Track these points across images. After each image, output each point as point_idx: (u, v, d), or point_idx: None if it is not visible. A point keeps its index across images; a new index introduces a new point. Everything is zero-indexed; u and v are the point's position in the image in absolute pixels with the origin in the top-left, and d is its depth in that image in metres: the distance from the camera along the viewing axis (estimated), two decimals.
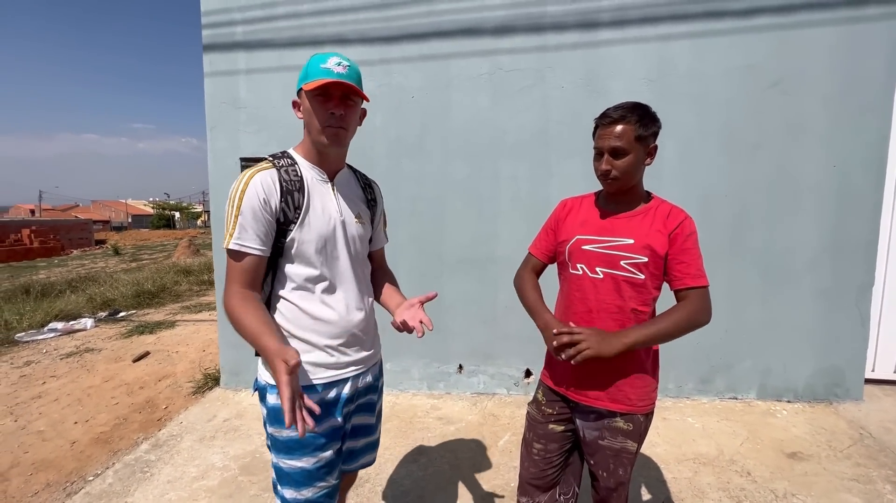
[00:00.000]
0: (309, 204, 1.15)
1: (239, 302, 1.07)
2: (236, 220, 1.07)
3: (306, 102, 1.11)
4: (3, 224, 22.16)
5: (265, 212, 1.08)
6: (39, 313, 5.71)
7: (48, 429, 2.97)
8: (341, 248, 1.20)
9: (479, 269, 3.15)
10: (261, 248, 1.09)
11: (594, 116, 1.36)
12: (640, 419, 1.35)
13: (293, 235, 1.12)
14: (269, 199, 1.08)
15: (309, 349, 1.18)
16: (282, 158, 1.16)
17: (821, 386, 2.92)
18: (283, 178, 1.12)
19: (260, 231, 1.08)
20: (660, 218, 1.28)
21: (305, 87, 1.09)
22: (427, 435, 2.71)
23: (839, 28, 2.65)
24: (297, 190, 1.12)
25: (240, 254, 1.08)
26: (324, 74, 1.07)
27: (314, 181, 1.17)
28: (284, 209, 1.11)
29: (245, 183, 1.08)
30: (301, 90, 1.13)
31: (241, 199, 1.07)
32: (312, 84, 1.07)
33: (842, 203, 2.78)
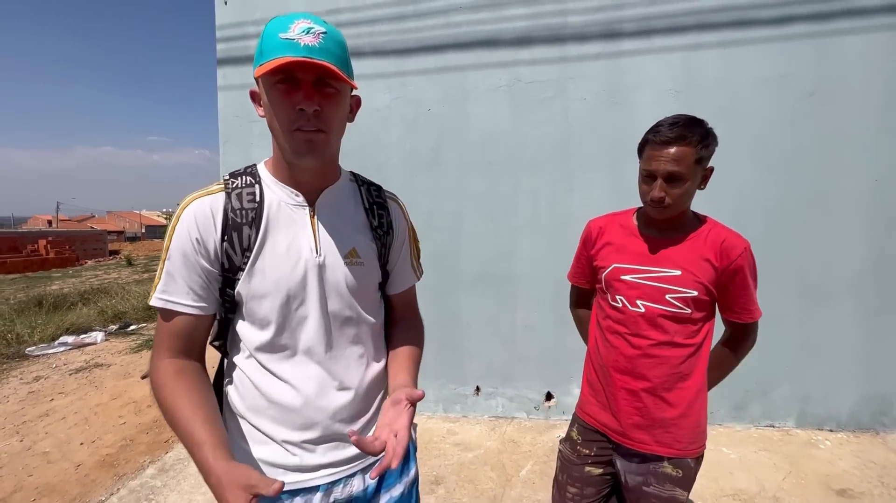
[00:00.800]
0: (264, 243, 0.81)
1: (168, 378, 0.76)
2: (162, 267, 0.78)
3: (266, 93, 0.75)
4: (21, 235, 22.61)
5: (201, 256, 0.78)
6: (51, 326, 5.70)
7: (54, 451, 2.90)
8: (312, 303, 0.84)
9: (497, 287, 3.03)
10: (194, 305, 0.79)
11: (618, 129, 1.25)
12: (691, 464, 1.22)
13: (240, 287, 0.81)
14: (205, 238, 0.78)
15: (263, 441, 0.85)
16: (241, 177, 0.85)
17: (866, 414, 2.72)
18: (231, 207, 0.80)
19: (193, 281, 0.79)
20: (711, 246, 1.15)
21: (258, 70, 0.72)
22: (444, 462, 2.57)
23: (878, 35, 2.52)
24: (247, 223, 0.80)
25: (167, 312, 0.79)
26: (285, 49, 0.69)
27: (282, 207, 0.83)
28: (228, 252, 0.80)
29: (177, 215, 0.80)
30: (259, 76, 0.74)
31: (169, 239, 0.79)
32: (267, 66, 0.69)
33: (885, 219, 2.61)
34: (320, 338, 0.86)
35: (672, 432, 1.20)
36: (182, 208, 0.80)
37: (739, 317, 1.19)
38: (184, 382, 0.77)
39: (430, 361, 3.08)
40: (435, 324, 3.12)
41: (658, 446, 1.20)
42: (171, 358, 0.79)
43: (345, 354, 0.89)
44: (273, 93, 0.74)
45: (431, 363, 3.07)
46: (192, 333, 0.81)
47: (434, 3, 2.93)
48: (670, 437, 1.20)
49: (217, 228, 0.79)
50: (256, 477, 0.63)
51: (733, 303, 1.18)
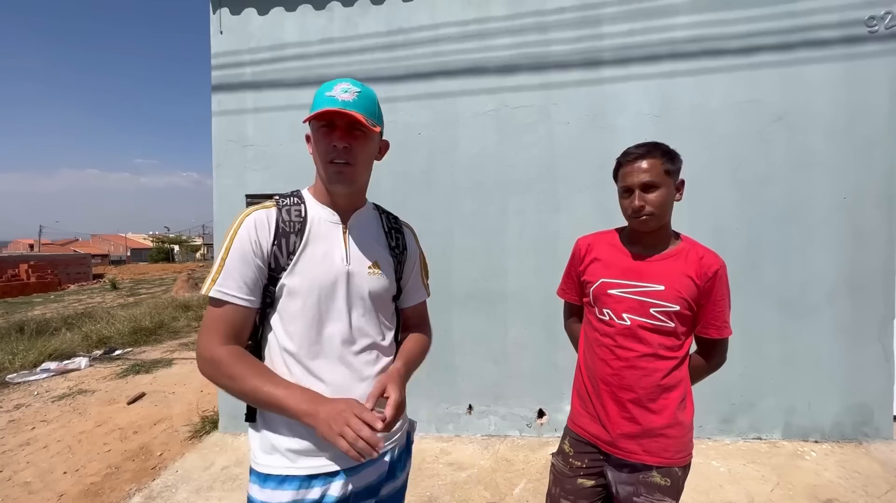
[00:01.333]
0: (305, 248, 0.98)
1: (233, 357, 0.91)
2: (223, 264, 0.93)
3: (313, 134, 1.00)
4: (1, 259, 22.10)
5: (256, 255, 0.95)
6: (33, 352, 5.55)
7: (35, 481, 2.81)
8: (340, 304, 1.00)
9: (487, 305, 3.08)
10: (246, 298, 0.94)
11: (601, 151, 1.35)
12: (678, 472, 1.26)
13: (282, 283, 0.96)
14: (262, 240, 0.95)
15: (290, 430, 0.96)
16: (288, 197, 1.04)
17: (849, 425, 2.79)
18: (282, 219, 0.99)
19: (248, 277, 0.94)
20: (692, 263, 1.23)
21: (308, 117, 0.96)
22: (438, 482, 2.56)
23: (838, 64, 2.70)
24: (294, 232, 0.98)
25: (222, 302, 0.93)
26: (327, 103, 0.93)
27: (321, 222, 1.02)
28: (276, 254, 0.96)
29: (239, 222, 0.96)
30: None
31: (231, 240, 0.94)
32: (313, 114, 0.95)
33: (855, 235, 2.75)
34: (345, 335, 1.01)
35: (659, 441, 1.24)
36: (242, 218, 0.97)
37: (709, 332, 1.26)
38: (248, 358, 0.94)
39: (423, 380, 3.09)
40: None
41: (646, 455, 1.24)
42: (225, 344, 0.92)
43: (364, 350, 1.03)
44: (317, 134, 0.98)
45: (424, 382, 3.08)
46: (241, 324, 0.95)
47: (423, 33, 3.07)
48: (658, 447, 1.24)
49: (271, 233, 0.97)
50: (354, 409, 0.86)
51: (706, 319, 1.25)
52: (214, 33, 3.27)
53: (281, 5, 3.19)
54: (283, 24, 3.20)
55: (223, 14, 3.25)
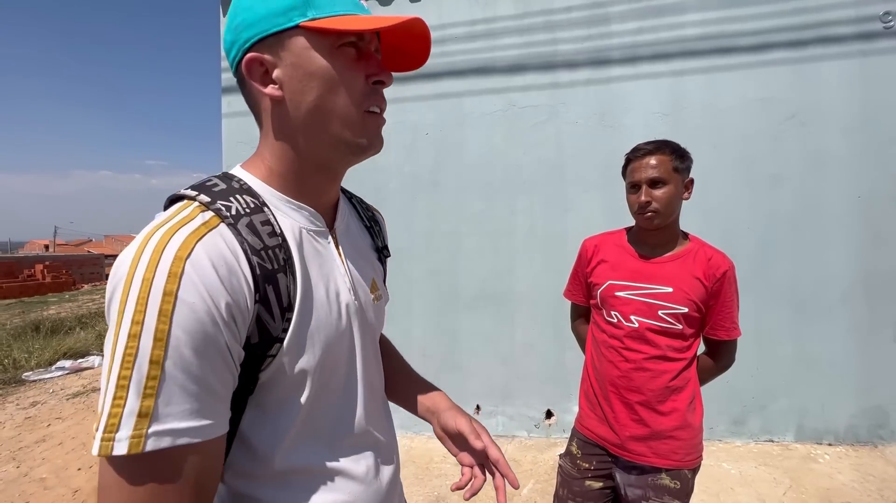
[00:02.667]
0: (306, 294, 0.55)
1: None
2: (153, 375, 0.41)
3: (313, 59, 0.52)
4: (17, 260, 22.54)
5: (229, 334, 0.46)
6: (48, 351, 5.66)
7: (50, 477, 2.86)
8: (354, 361, 0.63)
9: (495, 306, 3.08)
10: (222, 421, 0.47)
11: (609, 151, 1.34)
12: (688, 475, 1.25)
13: (274, 367, 0.53)
14: (237, 299, 0.47)
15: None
16: (230, 195, 0.53)
17: (864, 427, 2.74)
18: (251, 247, 0.50)
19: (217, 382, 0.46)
20: (700, 264, 1.21)
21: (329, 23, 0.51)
22: (445, 482, 2.56)
23: (853, 61, 2.65)
24: (280, 268, 0.52)
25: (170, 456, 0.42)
26: (355, 7, 0.54)
27: (304, 237, 0.58)
28: (262, 317, 0.50)
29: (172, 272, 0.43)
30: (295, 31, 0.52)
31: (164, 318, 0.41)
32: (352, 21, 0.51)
33: (870, 235, 2.69)
34: (366, 400, 0.65)
35: (668, 443, 1.23)
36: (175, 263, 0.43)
37: (717, 334, 1.25)
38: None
39: (430, 380, 3.10)
40: (435, 343, 3.16)
41: (656, 458, 1.23)
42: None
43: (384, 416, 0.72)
44: (338, 59, 0.53)
45: (432, 382, 3.09)
46: (212, 471, 0.47)
47: (431, 34, 3.06)
48: (667, 449, 1.23)
49: (249, 282, 0.49)
50: None
51: (715, 320, 1.24)
52: (223, 35, 3.30)
53: None
54: None
55: None
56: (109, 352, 0.41)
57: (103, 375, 0.42)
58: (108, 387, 0.41)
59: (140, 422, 0.40)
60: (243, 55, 0.54)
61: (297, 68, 0.52)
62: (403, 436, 3.02)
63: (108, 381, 0.41)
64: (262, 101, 0.56)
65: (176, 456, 0.42)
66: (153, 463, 0.41)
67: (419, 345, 3.16)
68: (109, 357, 0.41)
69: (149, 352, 0.41)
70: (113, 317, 0.42)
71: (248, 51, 0.53)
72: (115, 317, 0.42)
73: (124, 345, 0.41)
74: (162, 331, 0.41)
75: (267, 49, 0.53)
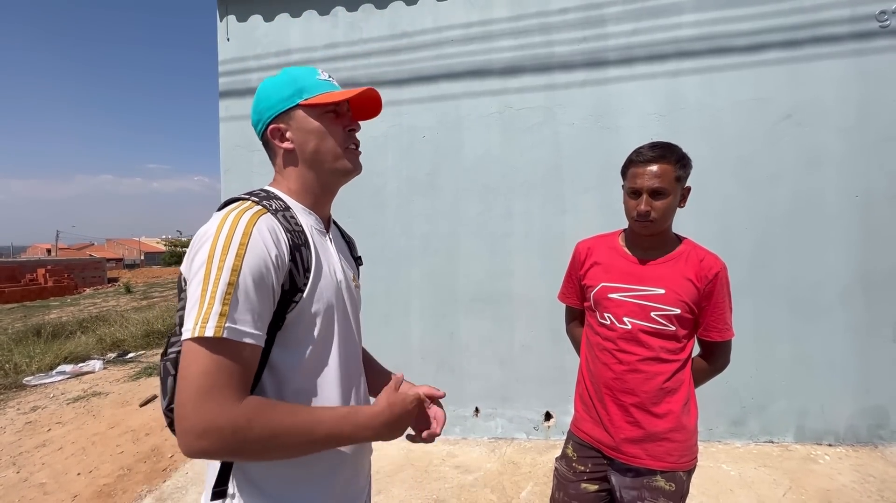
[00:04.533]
0: (319, 263, 0.82)
1: (261, 409, 0.68)
2: (230, 290, 0.66)
3: (309, 123, 0.83)
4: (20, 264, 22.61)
5: (276, 276, 0.72)
6: (49, 355, 5.68)
7: (50, 482, 2.87)
8: (348, 323, 0.88)
9: (494, 308, 3.08)
10: (263, 335, 0.71)
11: (606, 152, 1.33)
12: (683, 477, 1.25)
13: (300, 307, 0.77)
14: (283, 256, 0.74)
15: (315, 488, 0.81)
16: (270, 199, 0.81)
17: (864, 428, 2.73)
18: (286, 227, 0.77)
19: (265, 307, 0.71)
20: (692, 266, 1.22)
21: (317, 100, 0.82)
22: (444, 485, 2.56)
23: (848, 60, 2.65)
24: (303, 244, 0.79)
25: (233, 345, 0.66)
26: (330, 87, 0.86)
27: (314, 232, 0.85)
28: (293, 272, 0.75)
29: (246, 232, 0.70)
30: (295, 109, 0.83)
31: (239, 257, 0.68)
32: (330, 96, 0.82)
33: (868, 234, 2.69)
34: (357, 359, 0.93)
35: (663, 445, 1.23)
36: (247, 225, 0.71)
37: (710, 335, 1.25)
38: (278, 404, 0.71)
39: (429, 383, 3.08)
40: (433, 345, 3.16)
41: (650, 460, 1.23)
42: (241, 399, 0.67)
43: (361, 365, 0.97)
44: (325, 120, 0.84)
45: (430, 384, 3.08)
46: (253, 371, 0.71)
47: (426, 37, 3.08)
48: (662, 451, 1.23)
49: (287, 246, 0.75)
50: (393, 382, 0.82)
51: (708, 322, 1.24)
52: (221, 40, 3.31)
53: (286, 11, 3.23)
54: (288, 30, 3.24)
55: (230, 21, 3.30)
56: (202, 277, 0.67)
57: (195, 292, 0.67)
58: (201, 298, 0.66)
59: (221, 318, 0.65)
60: (267, 126, 0.85)
61: (301, 129, 0.84)
62: (402, 440, 3.01)
63: (203, 293, 0.66)
64: (280, 151, 0.86)
65: (236, 345, 0.67)
66: (224, 345, 0.66)
67: (417, 347, 3.16)
68: (203, 279, 0.66)
69: (228, 277, 0.66)
70: (202, 258, 0.68)
71: (270, 123, 0.85)
72: (206, 257, 0.68)
73: (215, 273, 0.66)
74: (237, 266, 0.67)
75: (281, 120, 0.84)
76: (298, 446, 0.71)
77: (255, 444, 0.67)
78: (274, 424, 0.67)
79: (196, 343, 0.65)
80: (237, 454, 0.69)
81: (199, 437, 0.64)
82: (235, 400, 0.66)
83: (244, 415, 0.66)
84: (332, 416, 0.73)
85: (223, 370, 0.66)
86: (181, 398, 0.65)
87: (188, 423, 0.64)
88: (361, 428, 0.75)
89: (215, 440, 0.64)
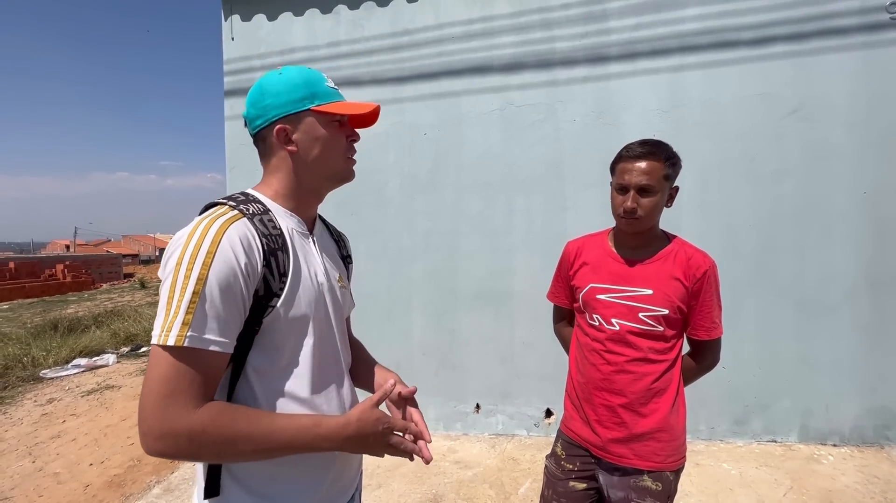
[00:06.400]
0: (297, 267, 0.82)
1: (212, 417, 0.69)
2: (194, 299, 0.67)
3: (318, 130, 0.84)
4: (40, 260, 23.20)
5: (245, 283, 0.72)
6: (65, 349, 5.84)
7: (64, 472, 2.97)
8: (332, 327, 0.90)
9: (495, 305, 3.08)
10: (229, 342, 0.72)
11: (607, 148, 1.32)
12: (670, 477, 1.25)
13: (276, 312, 0.78)
14: (253, 263, 0.74)
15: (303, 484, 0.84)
16: (248, 203, 0.81)
17: (869, 428, 2.69)
18: (262, 232, 0.77)
19: (232, 315, 0.71)
20: (680, 264, 1.21)
21: (329, 108, 0.84)
22: (444, 481, 2.59)
23: (857, 53, 2.59)
24: (279, 248, 0.79)
25: (194, 352, 0.68)
26: (338, 96, 0.88)
27: (294, 235, 0.85)
28: (267, 277, 0.76)
29: (214, 240, 0.70)
30: (306, 113, 0.84)
31: (206, 265, 0.68)
32: (341, 108, 0.84)
33: (876, 231, 2.63)
34: (338, 359, 0.92)
35: (650, 446, 1.23)
36: (217, 233, 0.71)
37: (698, 334, 1.25)
38: (234, 406, 0.74)
39: (430, 379, 3.13)
40: (434, 342, 3.18)
41: (637, 460, 1.24)
42: (199, 406, 0.69)
43: (346, 374, 0.96)
44: (330, 128, 0.86)
45: (432, 381, 3.11)
46: (217, 377, 0.72)
47: (428, 34, 3.08)
48: (649, 451, 1.23)
49: (260, 253, 0.76)
50: (377, 395, 0.83)
51: (695, 320, 1.23)
52: (226, 40, 3.35)
53: (289, 10, 3.26)
54: (291, 29, 3.27)
55: (234, 21, 3.34)
56: (169, 285, 0.68)
57: (163, 299, 0.69)
58: (167, 306, 0.67)
59: (183, 327, 0.66)
60: (269, 125, 0.84)
61: (308, 135, 0.85)
62: None
63: (170, 302, 0.67)
64: (280, 152, 0.86)
65: (198, 353, 0.68)
66: (185, 353, 0.67)
67: (418, 344, 3.18)
68: (169, 288, 0.68)
69: (193, 286, 0.67)
70: (171, 265, 0.69)
71: (276, 122, 0.83)
72: (174, 265, 0.68)
73: (182, 282, 0.67)
74: (202, 275, 0.68)
75: (288, 122, 0.83)
76: (255, 453, 0.72)
77: (211, 448, 0.69)
78: (230, 432, 0.69)
79: (160, 349, 0.67)
80: (194, 457, 0.72)
81: (157, 440, 0.67)
82: (193, 407, 0.68)
83: (200, 421, 0.67)
84: (294, 426, 0.74)
85: (183, 377, 0.67)
86: (143, 401, 0.67)
87: (146, 426, 0.67)
88: (322, 439, 0.75)
89: (171, 443, 0.67)
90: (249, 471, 0.79)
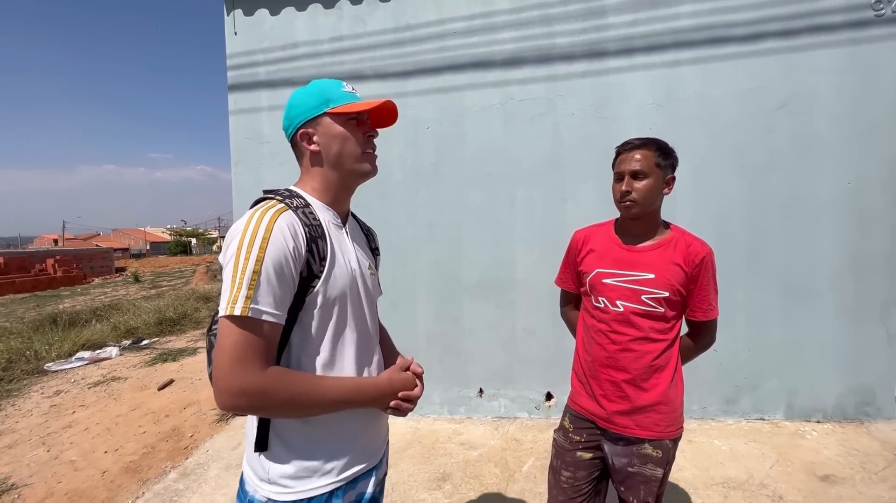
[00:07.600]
0: (334, 253, 0.94)
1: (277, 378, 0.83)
2: (255, 276, 0.80)
3: (334, 128, 0.96)
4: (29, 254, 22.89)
5: (294, 265, 0.85)
6: (67, 343, 5.87)
7: (79, 459, 3.05)
8: (363, 309, 1.02)
9: (497, 293, 3.20)
10: (283, 315, 0.85)
11: (606, 142, 1.43)
12: (669, 445, 1.37)
13: (316, 292, 0.90)
14: (299, 248, 0.87)
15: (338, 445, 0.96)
16: (292, 198, 0.94)
17: (851, 405, 2.86)
18: (305, 222, 0.90)
19: (284, 291, 0.85)
20: (680, 251, 1.32)
21: (342, 109, 0.95)
22: (450, 460, 2.72)
23: (843, 49, 2.70)
24: (319, 236, 0.92)
25: (258, 322, 0.81)
26: (353, 98, 0.98)
27: (330, 226, 0.98)
28: (309, 261, 0.89)
29: (267, 228, 0.83)
30: (323, 116, 0.96)
31: (262, 249, 0.81)
32: (353, 106, 0.95)
33: (859, 220, 2.78)
34: (370, 335, 1.06)
35: (651, 417, 1.36)
36: (270, 223, 0.84)
37: (696, 315, 1.37)
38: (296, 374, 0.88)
39: (435, 366, 3.24)
40: (439, 329, 3.29)
41: (640, 429, 1.36)
42: (265, 368, 0.82)
43: (376, 354, 1.09)
44: (348, 126, 0.97)
45: (436, 367, 3.23)
46: (275, 344, 0.86)
47: (430, 29, 3.14)
48: (650, 421, 1.35)
49: (304, 239, 0.88)
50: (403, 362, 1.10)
51: (693, 303, 1.35)
52: (229, 34, 3.38)
53: (292, 5, 3.29)
54: (294, 24, 3.30)
55: (237, 15, 3.36)
56: (232, 266, 0.81)
57: (226, 278, 0.82)
58: (231, 283, 0.80)
59: (246, 300, 0.79)
60: (297, 130, 0.98)
61: (326, 134, 0.97)
62: (410, 419, 3.17)
63: (234, 279, 0.80)
64: (307, 153, 0.99)
65: (259, 322, 0.81)
66: (249, 322, 0.80)
67: (423, 332, 3.29)
68: (233, 268, 0.81)
69: (253, 266, 0.81)
70: (232, 249, 0.82)
71: (300, 128, 0.97)
72: (235, 249, 0.82)
73: (243, 263, 0.81)
74: (260, 257, 0.81)
75: (309, 126, 0.97)
76: (312, 407, 0.89)
77: (277, 405, 0.84)
78: (292, 390, 0.84)
79: (227, 320, 0.80)
80: (262, 411, 0.87)
81: (234, 397, 0.80)
82: (262, 368, 0.81)
83: (269, 381, 0.82)
84: (341, 386, 0.92)
85: (250, 342, 0.81)
86: (218, 363, 0.80)
87: (223, 384, 0.80)
88: (362, 395, 0.95)
89: (246, 400, 0.81)
90: (291, 431, 0.92)
